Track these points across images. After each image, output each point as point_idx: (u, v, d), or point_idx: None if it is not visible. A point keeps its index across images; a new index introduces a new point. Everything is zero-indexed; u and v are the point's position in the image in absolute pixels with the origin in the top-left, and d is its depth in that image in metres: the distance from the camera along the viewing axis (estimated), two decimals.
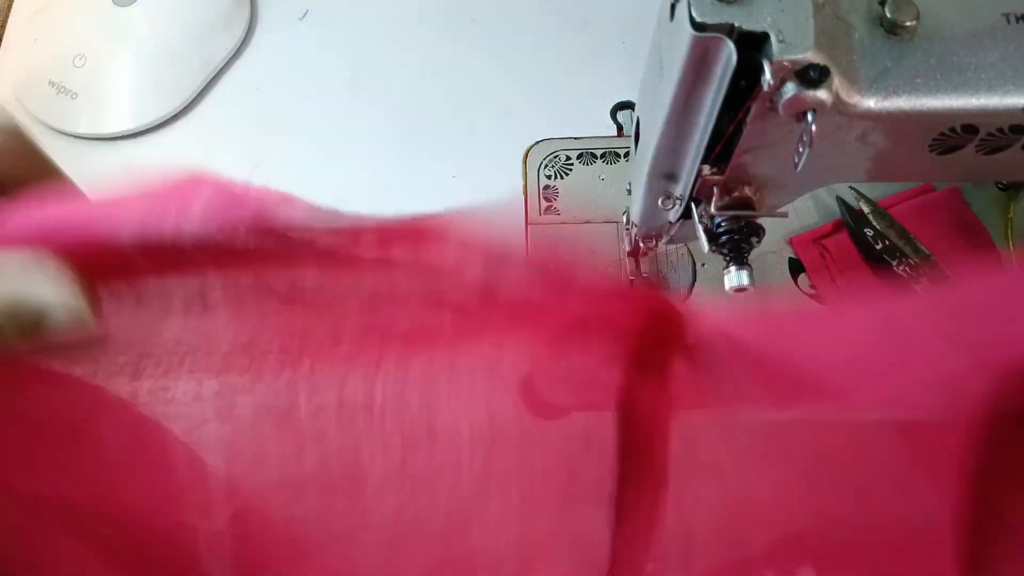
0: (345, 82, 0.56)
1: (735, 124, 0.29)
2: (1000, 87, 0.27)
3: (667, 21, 0.29)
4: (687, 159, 0.33)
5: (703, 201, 0.35)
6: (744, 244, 0.34)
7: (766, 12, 0.25)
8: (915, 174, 0.32)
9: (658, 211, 0.37)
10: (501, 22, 0.59)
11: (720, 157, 0.31)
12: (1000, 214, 0.50)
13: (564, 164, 0.53)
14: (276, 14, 0.60)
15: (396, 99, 0.56)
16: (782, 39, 0.25)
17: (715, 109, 0.28)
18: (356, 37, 0.59)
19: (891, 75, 0.27)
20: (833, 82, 0.26)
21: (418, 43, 0.58)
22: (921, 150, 0.30)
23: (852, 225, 0.48)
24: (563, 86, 0.56)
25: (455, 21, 0.59)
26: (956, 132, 0.29)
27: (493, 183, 0.52)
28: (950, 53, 0.27)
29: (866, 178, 0.32)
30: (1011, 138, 0.29)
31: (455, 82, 0.57)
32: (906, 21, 0.27)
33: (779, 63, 0.25)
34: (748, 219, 0.34)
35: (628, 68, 0.57)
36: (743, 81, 0.27)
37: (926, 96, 0.27)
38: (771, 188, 0.34)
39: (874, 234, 0.47)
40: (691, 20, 0.25)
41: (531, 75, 0.57)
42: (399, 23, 0.59)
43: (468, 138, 0.54)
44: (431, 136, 0.54)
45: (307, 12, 0.60)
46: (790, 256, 0.50)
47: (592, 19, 0.59)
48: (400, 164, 0.53)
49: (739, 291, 0.34)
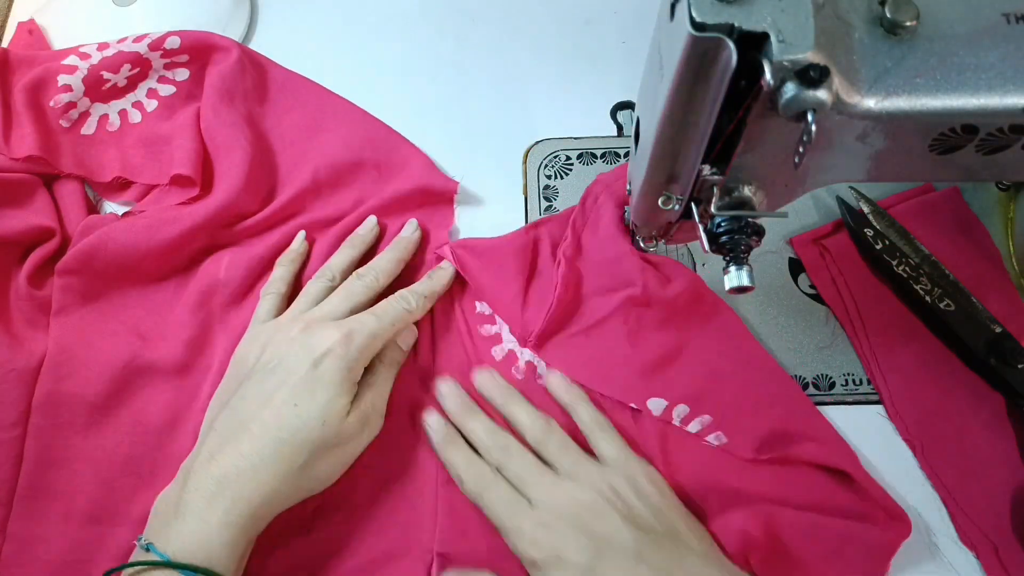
0: (344, 82, 0.56)
1: (735, 124, 0.29)
2: (1000, 87, 0.27)
3: (667, 21, 0.29)
4: (687, 159, 0.33)
5: (703, 201, 0.35)
6: (744, 244, 0.34)
7: (766, 12, 0.25)
8: (915, 174, 0.32)
9: (658, 211, 0.37)
10: (501, 22, 0.59)
11: (720, 157, 0.31)
12: (1000, 214, 0.50)
13: (564, 164, 0.53)
14: (276, 14, 0.60)
15: (396, 99, 0.56)
16: (782, 39, 0.25)
17: (715, 109, 0.28)
18: (356, 37, 0.59)
19: (891, 75, 0.27)
20: (833, 82, 0.26)
21: (418, 43, 0.59)
22: (921, 150, 0.30)
23: (852, 225, 0.48)
24: (563, 86, 0.56)
25: (455, 21, 0.59)
26: (956, 132, 0.29)
27: (493, 183, 0.52)
28: (950, 53, 0.27)
29: (866, 178, 0.32)
30: (1011, 138, 0.29)
31: (455, 82, 0.57)
32: (906, 21, 0.27)
33: (779, 63, 0.25)
34: (748, 219, 0.34)
35: (628, 68, 0.57)
36: (743, 81, 0.27)
37: (926, 96, 0.27)
38: (771, 188, 0.34)
39: (874, 234, 0.47)
40: (691, 20, 0.25)
41: (531, 75, 0.57)
42: (399, 23, 0.59)
43: (468, 138, 0.54)
44: (431, 136, 0.54)
45: None
46: (790, 256, 0.50)
47: (592, 19, 0.59)
48: None
49: (739, 291, 0.34)
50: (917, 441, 0.44)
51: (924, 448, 0.44)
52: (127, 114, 0.52)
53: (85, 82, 0.51)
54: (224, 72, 0.51)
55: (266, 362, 0.41)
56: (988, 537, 0.41)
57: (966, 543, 0.42)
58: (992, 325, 0.44)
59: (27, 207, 0.49)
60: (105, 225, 0.48)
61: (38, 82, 0.50)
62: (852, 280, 0.48)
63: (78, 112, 0.51)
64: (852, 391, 0.46)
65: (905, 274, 0.46)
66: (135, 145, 0.52)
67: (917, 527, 0.42)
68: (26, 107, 0.49)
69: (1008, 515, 0.42)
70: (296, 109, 0.54)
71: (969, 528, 0.42)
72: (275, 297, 0.46)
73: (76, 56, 0.52)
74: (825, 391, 0.46)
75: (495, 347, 0.47)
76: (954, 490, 0.42)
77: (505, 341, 0.47)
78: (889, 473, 0.44)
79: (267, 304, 0.45)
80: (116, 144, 0.52)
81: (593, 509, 0.38)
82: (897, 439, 0.44)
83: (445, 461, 0.43)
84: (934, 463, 0.43)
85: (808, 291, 0.49)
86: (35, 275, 0.47)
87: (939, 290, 0.45)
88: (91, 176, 0.51)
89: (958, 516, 0.42)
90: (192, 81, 0.53)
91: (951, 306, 0.45)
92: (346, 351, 0.40)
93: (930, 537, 0.42)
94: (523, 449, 0.42)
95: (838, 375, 0.46)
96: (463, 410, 0.44)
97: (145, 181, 0.51)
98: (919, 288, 0.45)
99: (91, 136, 0.51)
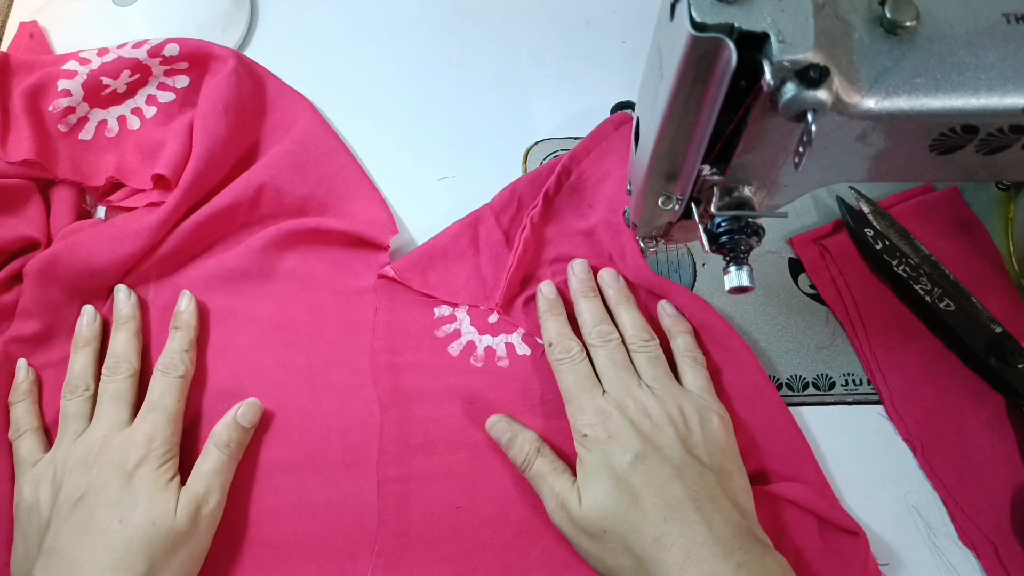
0: (344, 82, 0.56)
1: (735, 124, 0.29)
2: (1000, 87, 0.27)
3: (667, 21, 0.29)
4: (687, 159, 0.33)
5: (703, 201, 0.35)
6: (744, 244, 0.34)
7: (766, 12, 0.25)
8: (915, 174, 0.32)
9: (658, 211, 0.37)
10: (501, 22, 0.59)
11: (720, 157, 0.31)
12: (1000, 214, 0.50)
13: None
14: (276, 14, 0.60)
15: (396, 99, 0.56)
16: (782, 39, 0.25)
17: (715, 109, 0.28)
18: (356, 37, 0.59)
19: (891, 75, 0.27)
20: (833, 82, 0.26)
21: (418, 43, 0.58)
22: (921, 150, 0.30)
23: (852, 225, 0.48)
24: (563, 86, 0.56)
25: (455, 21, 0.59)
26: (956, 132, 0.29)
27: (493, 183, 0.52)
28: (950, 53, 0.27)
29: (866, 178, 0.32)
30: (1011, 138, 0.29)
31: (455, 82, 0.57)
32: (906, 21, 0.27)
33: (779, 63, 0.25)
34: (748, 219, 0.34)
35: (628, 68, 0.57)
36: (743, 81, 0.27)
37: (926, 96, 0.27)
38: (771, 188, 0.34)
39: (874, 234, 0.47)
40: (691, 20, 0.25)
41: (531, 75, 0.57)
42: (399, 23, 0.59)
43: (468, 138, 0.54)
44: (431, 136, 0.54)
45: None
46: (790, 256, 0.50)
47: (592, 19, 0.59)
48: (400, 164, 0.53)
49: (739, 291, 0.34)
50: (917, 441, 0.44)
51: (924, 448, 0.44)
52: (126, 120, 0.52)
53: (84, 87, 0.51)
54: (219, 83, 0.51)
55: (68, 496, 0.39)
56: (988, 537, 0.41)
57: (966, 543, 0.42)
58: (992, 325, 0.44)
59: (19, 215, 0.49)
60: (81, 231, 0.48)
61: (37, 86, 0.50)
62: (852, 280, 0.48)
63: (76, 117, 0.51)
64: (852, 391, 0.46)
65: (905, 274, 0.46)
66: (132, 151, 0.51)
67: (917, 527, 0.42)
68: (24, 111, 0.49)
69: (1008, 515, 0.42)
70: (284, 125, 0.54)
71: (969, 528, 0.42)
72: (32, 434, 0.43)
73: (76, 61, 0.52)
74: (825, 391, 0.46)
75: (452, 344, 0.47)
76: (954, 490, 0.42)
77: (464, 335, 0.47)
78: (889, 473, 0.44)
79: (27, 445, 0.42)
80: (114, 150, 0.51)
81: (656, 420, 0.40)
82: (897, 439, 0.45)
83: (543, 326, 0.45)
84: (934, 463, 0.43)
85: (808, 291, 0.49)
86: (7, 282, 0.47)
87: (939, 290, 0.45)
88: (86, 181, 0.50)
89: (958, 516, 0.42)
90: (191, 88, 0.53)
91: (951, 306, 0.45)
92: (152, 453, 0.40)
93: (930, 537, 0.42)
94: (621, 345, 0.43)
95: (838, 375, 0.46)
96: (584, 288, 0.45)
97: (138, 185, 0.51)
98: (919, 288, 0.45)
99: (89, 142, 0.51)
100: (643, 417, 0.40)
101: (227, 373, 0.46)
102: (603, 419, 0.40)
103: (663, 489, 0.37)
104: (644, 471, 0.38)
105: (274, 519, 0.42)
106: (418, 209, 0.52)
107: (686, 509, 0.36)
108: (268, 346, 0.47)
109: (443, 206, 0.52)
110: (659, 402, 0.40)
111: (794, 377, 0.46)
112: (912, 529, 0.42)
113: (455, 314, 0.48)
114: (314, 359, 0.46)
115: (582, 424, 0.40)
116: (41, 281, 0.46)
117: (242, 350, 0.47)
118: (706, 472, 0.38)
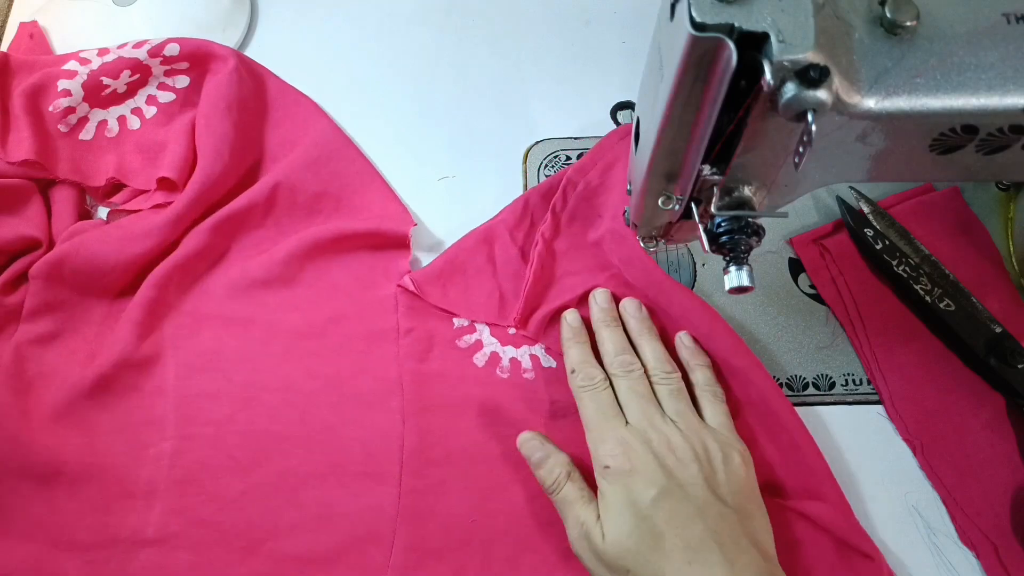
0: (345, 82, 0.56)
1: (735, 124, 0.29)
2: (1000, 87, 0.27)
3: (667, 21, 0.29)
4: (687, 159, 0.33)
5: (703, 201, 0.35)
6: (744, 244, 0.34)
7: (766, 12, 0.25)
8: (915, 174, 0.32)
9: (658, 211, 0.37)
10: (501, 22, 0.59)
11: (720, 157, 0.31)
12: (1000, 214, 0.50)
13: (564, 164, 0.53)
14: (276, 14, 0.60)
15: (396, 99, 0.56)
16: (782, 39, 0.25)
17: (715, 109, 0.28)
18: (356, 37, 0.59)
19: (891, 75, 0.27)
20: (833, 82, 0.26)
21: (418, 43, 0.59)
22: (921, 150, 0.30)
23: (852, 225, 0.48)
24: (563, 86, 0.56)
25: (455, 21, 0.59)
26: (956, 132, 0.29)
27: (493, 183, 0.52)
28: (950, 53, 0.27)
29: (866, 178, 0.32)
30: (1011, 138, 0.29)
31: (455, 82, 0.57)
32: (906, 21, 0.27)
33: (779, 63, 0.25)
34: (748, 219, 0.34)
35: (628, 68, 0.57)
36: (743, 81, 0.27)
37: (926, 96, 0.27)
38: (771, 188, 0.34)
39: (874, 234, 0.47)
40: (691, 20, 0.25)
41: (531, 75, 0.57)
42: (399, 23, 0.59)
43: (468, 138, 0.54)
44: (431, 136, 0.54)
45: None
46: (790, 256, 0.50)
47: (592, 19, 0.59)
48: (400, 164, 0.53)
49: (739, 291, 0.34)
50: (917, 441, 0.44)
51: (924, 448, 0.44)
52: (126, 120, 0.52)
53: (85, 87, 0.51)
54: (220, 82, 0.51)
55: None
56: (988, 537, 0.41)
57: (966, 543, 0.42)
58: (992, 325, 0.44)
59: (19, 215, 0.49)
60: (85, 232, 0.48)
61: (37, 86, 0.50)
62: (852, 280, 0.48)
63: (77, 117, 0.51)
64: (852, 391, 0.46)
65: (905, 274, 0.46)
66: (133, 151, 0.52)
67: (917, 527, 0.42)
68: (24, 111, 0.49)
69: (1008, 515, 0.42)
70: (286, 122, 0.54)
71: (969, 528, 0.42)
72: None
73: (76, 61, 0.52)
74: (825, 391, 0.46)
75: (476, 354, 0.47)
76: (954, 490, 0.42)
77: (486, 345, 0.47)
78: (889, 473, 0.44)
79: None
80: (114, 150, 0.51)
81: (680, 455, 0.39)
82: (897, 439, 0.45)
83: (566, 353, 0.44)
84: (934, 463, 0.43)
85: (808, 291, 0.49)
86: (11, 283, 0.47)
87: (939, 290, 0.45)
88: (86, 181, 0.50)
89: (958, 516, 0.42)
90: (192, 88, 0.53)
91: (951, 306, 0.45)
92: None
93: (930, 537, 0.42)
94: (643, 376, 0.43)
95: (838, 375, 0.46)
96: (606, 318, 0.45)
97: (138, 186, 0.51)
98: (919, 288, 0.45)
99: (89, 142, 0.51)
100: (667, 451, 0.39)
101: (252, 382, 0.46)
102: (626, 450, 0.39)
103: (685, 529, 0.36)
104: (667, 509, 0.37)
105: (294, 533, 0.42)
106: (418, 209, 0.52)
107: (709, 552, 0.36)
108: (292, 356, 0.46)
109: (443, 206, 0.52)
110: (683, 437, 0.39)
111: (794, 377, 0.46)
112: (912, 529, 0.42)
113: (474, 325, 0.48)
114: (341, 369, 0.46)
115: (603, 454, 0.39)
116: (49, 282, 0.46)
117: (265, 359, 0.46)
118: (728, 512, 0.37)
